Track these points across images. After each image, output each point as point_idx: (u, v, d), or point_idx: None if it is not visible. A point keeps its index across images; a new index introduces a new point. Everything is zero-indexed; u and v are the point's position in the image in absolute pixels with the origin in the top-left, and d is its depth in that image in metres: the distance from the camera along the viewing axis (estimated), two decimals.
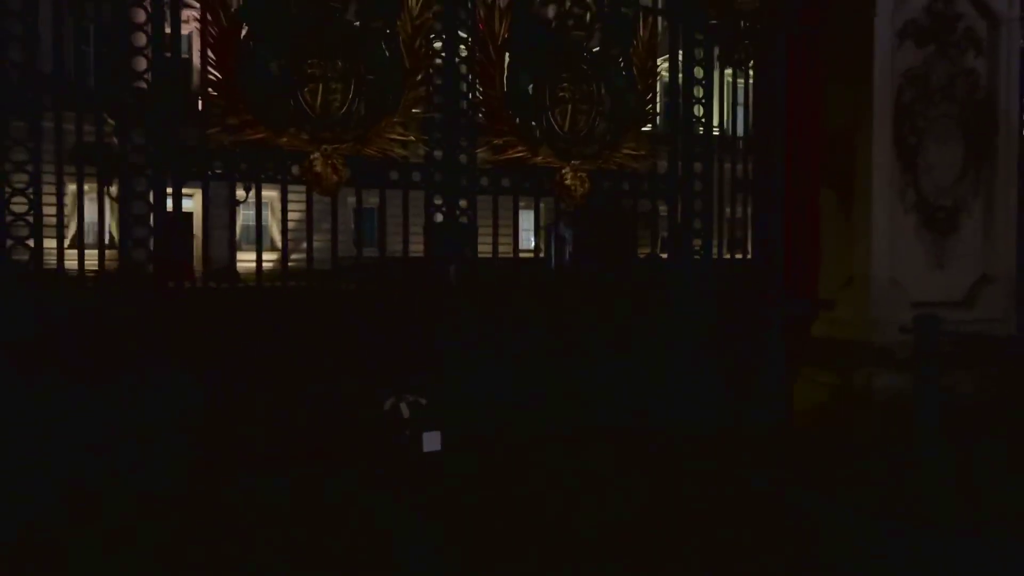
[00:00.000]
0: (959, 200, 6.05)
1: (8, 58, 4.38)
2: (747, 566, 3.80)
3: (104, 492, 4.23)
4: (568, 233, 14.24)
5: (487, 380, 5.23)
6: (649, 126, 5.84)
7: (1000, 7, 6.07)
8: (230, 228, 5.17)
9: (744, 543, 4.05)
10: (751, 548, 3.99)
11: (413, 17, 5.13)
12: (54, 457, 4.28)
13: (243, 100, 4.83)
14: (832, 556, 3.96)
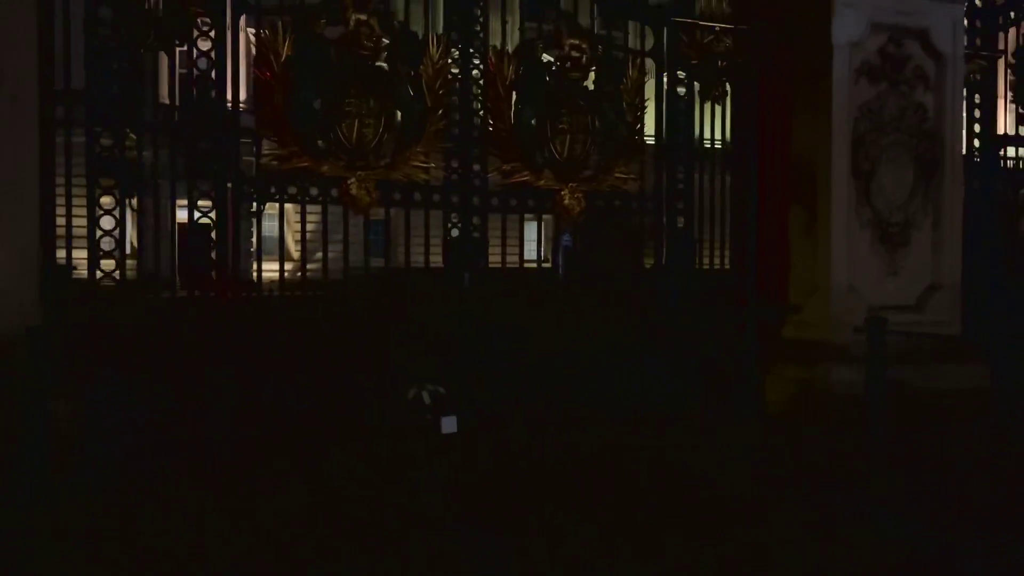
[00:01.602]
0: (910, 217, 6.90)
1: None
2: (702, 503, 4.66)
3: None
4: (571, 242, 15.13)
5: (496, 372, 6.09)
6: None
7: (945, 48, 6.93)
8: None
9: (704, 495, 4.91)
10: (711, 496, 4.86)
11: (434, 62, 6.03)
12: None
13: (291, 134, 5.74)
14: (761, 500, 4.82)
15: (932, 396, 6.44)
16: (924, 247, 6.97)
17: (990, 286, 7.65)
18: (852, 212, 6.72)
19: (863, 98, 6.72)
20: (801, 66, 6.79)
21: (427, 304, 6.33)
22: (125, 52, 5.43)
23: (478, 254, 6.38)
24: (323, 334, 5.85)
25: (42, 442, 4.32)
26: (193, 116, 5.65)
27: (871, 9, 6.67)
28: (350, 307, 6.27)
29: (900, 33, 6.79)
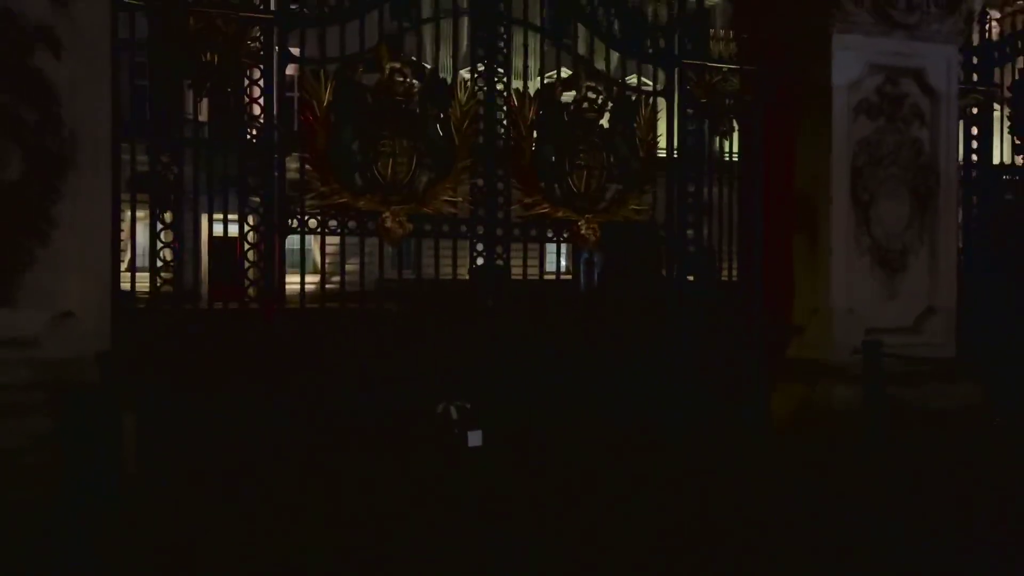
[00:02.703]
0: (907, 244, 7.34)
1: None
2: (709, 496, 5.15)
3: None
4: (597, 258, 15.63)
5: (517, 390, 6.61)
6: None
7: (940, 86, 7.38)
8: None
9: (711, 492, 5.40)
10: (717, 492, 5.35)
11: (461, 105, 6.59)
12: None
13: (332, 172, 6.32)
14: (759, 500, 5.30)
15: (928, 414, 6.87)
16: (921, 272, 7.40)
17: (988, 309, 8.06)
18: (852, 240, 7.17)
19: (862, 134, 7.18)
20: (803, 104, 7.28)
21: (454, 326, 6.87)
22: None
23: (501, 280, 6.92)
24: (362, 349, 6.38)
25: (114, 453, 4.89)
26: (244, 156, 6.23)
27: (869, 51, 7.15)
28: (386, 324, 6.80)
29: (897, 73, 7.26)
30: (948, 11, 7.34)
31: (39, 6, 5.12)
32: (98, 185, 5.43)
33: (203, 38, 5.97)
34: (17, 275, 5.15)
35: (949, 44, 7.44)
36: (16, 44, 5.09)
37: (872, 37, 7.14)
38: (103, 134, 5.45)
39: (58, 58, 5.20)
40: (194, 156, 6.20)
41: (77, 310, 5.29)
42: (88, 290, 5.34)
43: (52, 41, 5.16)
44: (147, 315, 5.97)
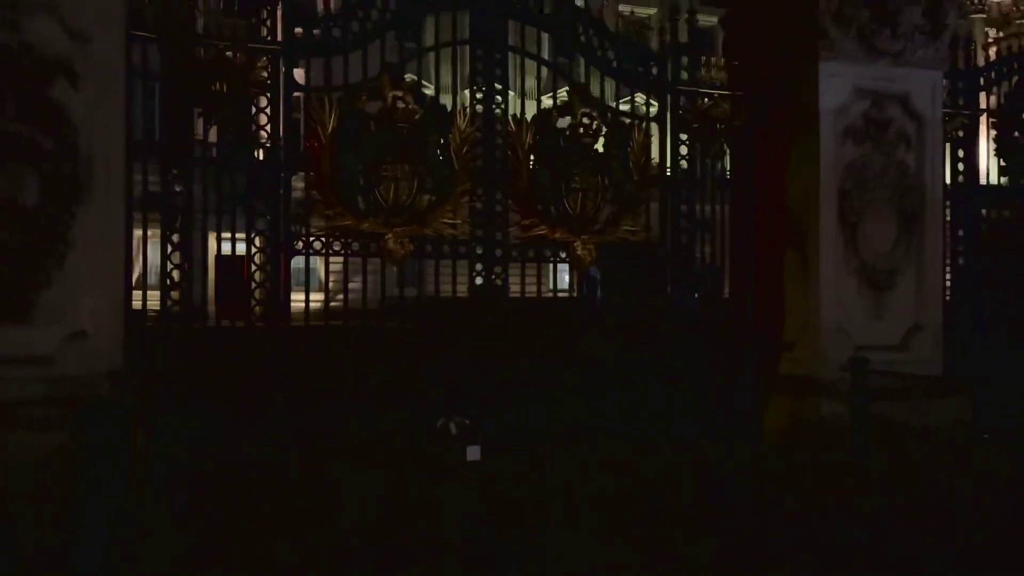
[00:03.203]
0: (894, 264, 7.54)
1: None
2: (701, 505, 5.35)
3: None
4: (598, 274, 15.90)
5: (514, 405, 6.81)
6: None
7: (925, 111, 7.61)
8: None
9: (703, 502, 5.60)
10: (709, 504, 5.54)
11: (461, 131, 6.84)
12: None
13: (336, 195, 6.56)
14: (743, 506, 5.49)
15: (916, 429, 7.04)
16: (908, 291, 7.60)
17: (974, 324, 8.26)
18: (840, 259, 7.38)
19: (849, 157, 7.41)
20: (792, 128, 7.51)
21: (453, 344, 7.08)
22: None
23: (500, 299, 7.14)
24: (364, 366, 6.60)
25: (127, 467, 5.10)
26: (251, 179, 6.47)
27: (855, 77, 7.38)
28: (389, 342, 7.02)
29: (882, 98, 7.49)
30: (932, 39, 7.58)
31: (59, 41, 5.38)
32: (111, 209, 5.67)
33: (213, 68, 6.24)
34: (33, 295, 5.39)
35: (933, 70, 7.66)
36: (37, 77, 5.35)
37: (858, 64, 7.37)
38: (117, 160, 5.70)
39: (76, 89, 5.46)
40: (203, 178, 6.45)
41: (90, 329, 5.52)
42: (101, 310, 5.57)
43: (70, 74, 5.42)
44: (158, 334, 6.18)
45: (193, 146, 6.41)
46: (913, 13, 7.49)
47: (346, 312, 6.84)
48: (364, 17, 6.70)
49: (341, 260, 6.76)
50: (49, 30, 5.39)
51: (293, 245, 6.54)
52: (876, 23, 7.38)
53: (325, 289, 6.79)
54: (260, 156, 6.55)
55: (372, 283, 6.71)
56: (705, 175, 7.66)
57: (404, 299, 7.47)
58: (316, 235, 6.62)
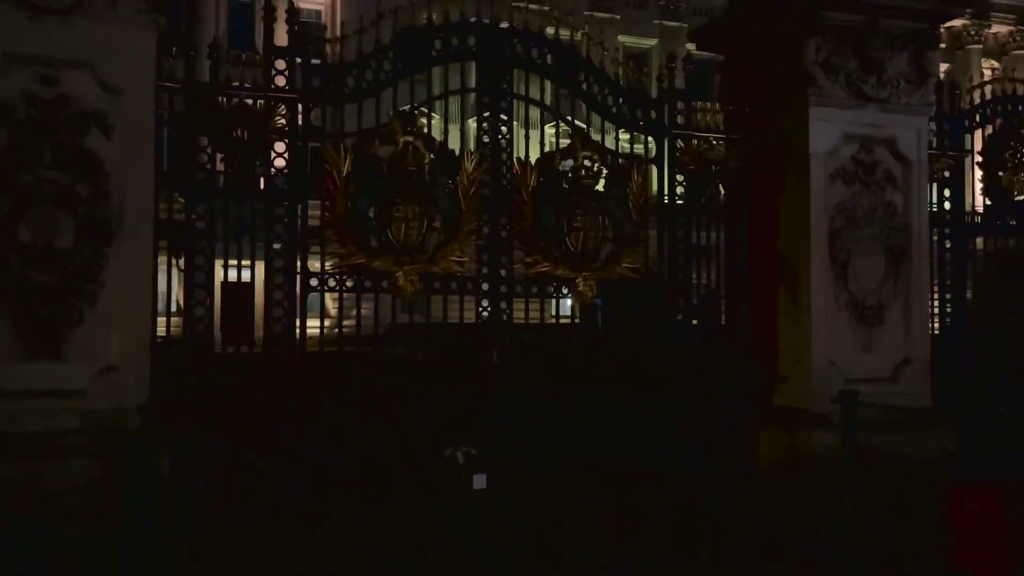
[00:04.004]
0: (883, 300, 7.87)
1: None
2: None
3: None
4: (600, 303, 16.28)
5: (517, 436, 7.11)
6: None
7: (911, 153, 7.97)
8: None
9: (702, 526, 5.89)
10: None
11: (468, 174, 7.20)
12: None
13: (349, 235, 6.91)
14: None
15: (904, 460, 7.32)
16: (896, 326, 7.93)
17: (962, 357, 8.57)
18: (830, 296, 7.72)
19: (839, 198, 7.77)
20: (784, 170, 7.87)
21: (460, 376, 7.41)
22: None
23: (504, 333, 7.47)
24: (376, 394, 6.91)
25: (152, 493, 5.43)
26: (268, 222, 6.82)
27: (844, 123, 7.75)
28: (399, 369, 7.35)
29: (870, 142, 7.86)
30: (917, 86, 7.96)
31: (94, 95, 5.76)
32: (140, 249, 6.02)
33: (234, 116, 6.62)
34: (67, 332, 5.73)
35: (918, 115, 8.04)
36: (72, 127, 5.72)
37: (846, 109, 7.75)
38: (146, 203, 6.06)
39: (108, 138, 5.83)
40: (224, 218, 6.78)
41: (119, 364, 5.85)
42: (129, 345, 5.90)
43: (104, 124, 5.79)
44: (182, 367, 6.49)
45: (216, 189, 6.74)
46: (899, 62, 7.88)
47: (358, 342, 7.18)
48: (377, 67, 7.08)
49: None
50: (85, 85, 5.77)
51: (308, 283, 6.87)
52: (863, 71, 7.77)
53: (339, 324, 7.08)
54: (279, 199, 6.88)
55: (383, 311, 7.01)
56: (701, 214, 7.99)
57: (414, 325, 7.75)
58: (330, 273, 6.96)
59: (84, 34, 5.77)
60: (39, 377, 5.58)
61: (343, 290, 7.01)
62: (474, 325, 7.47)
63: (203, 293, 6.59)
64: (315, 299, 7.09)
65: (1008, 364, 8.86)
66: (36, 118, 5.66)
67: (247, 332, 7.03)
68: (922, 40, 7.96)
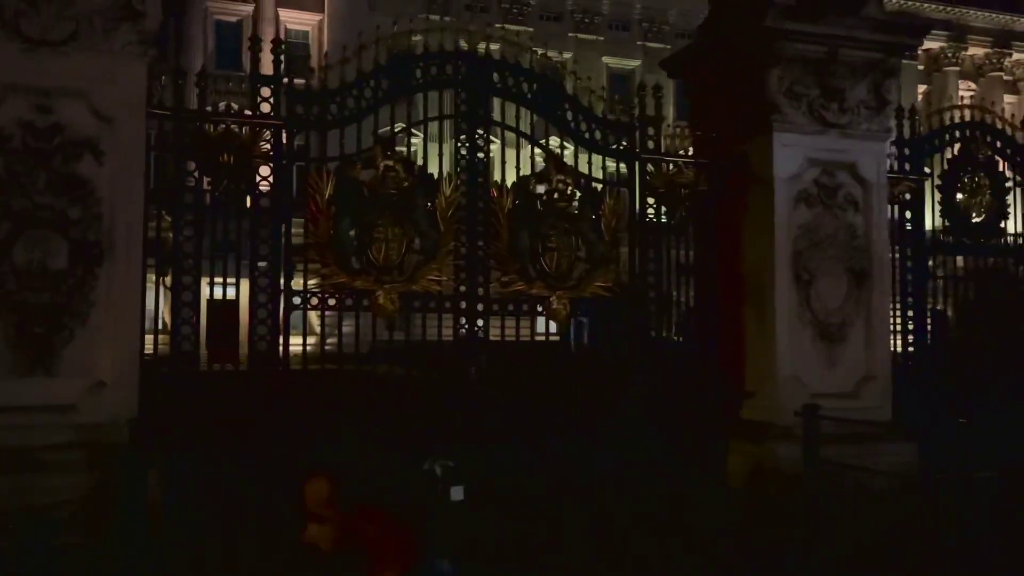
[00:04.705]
0: (845, 318, 8.21)
1: None
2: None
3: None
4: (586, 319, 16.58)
5: (495, 449, 7.37)
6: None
7: (871, 177, 8.34)
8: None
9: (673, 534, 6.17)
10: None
11: (446, 196, 7.50)
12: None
13: (331, 256, 7.19)
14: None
15: (867, 471, 7.62)
16: (859, 343, 8.26)
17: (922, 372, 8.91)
18: (794, 314, 8.05)
19: (802, 220, 8.11)
20: (750, 193, 8.22)
21: (439, 390, 7.68)
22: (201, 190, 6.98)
23: (481, 350, 7.75)
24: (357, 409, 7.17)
25: (141, 505, 5.66)
26: (253, 241, 7.10)
27: (807, 148, 8.11)
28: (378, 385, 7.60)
29: (832, 166, 8.22)
30: (876, 112, 8.35)
31: (87, 123, 6.05)
32: (130, 270, 6.29)
33: (221, 141, 6.90)
34: (59, 350, 5.99)
35: (878, 140, 8.42)
36: (66, 153, 6.00)
37: (809, 135, 8.12)
38: (136, 226, 6.34)
39: (100, 164, 6.12)
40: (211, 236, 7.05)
41: (109, 380, 6.11)
42: (119, 362, 6.16)
43: (96, 151, 6.07)
44: (170, 383, 6.74)
45: (203, 211, 7.01)
46: (859, 90, 8.27)
47: (340, 359, 7.45)
48: (359, 94, 7.39)
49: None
50: (78, 113, 6.06)
51: (292, 302, 7.14)
52: (825, 99, 8.16)
53: (321, 342, 7.32)
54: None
55: (363, 327, 7.28)
56: (671, 235, 8.31)
57: (394, 342, 8.03)
58: (313, 291, 7.23)
59: (78, 65, 6.06)
60: (32, 393, 5.83)
61: (325, 308, 7.28)
62: (453, 342, 7.73)
63: (189, 312, 6.85)
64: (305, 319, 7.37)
65: (973, 378, 9.23)
66: (31, 145, 5.94)
67: (232, 349, 7.27)
68: (880, 69, 8.35)
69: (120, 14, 6.19)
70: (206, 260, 6.92)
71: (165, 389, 6.64)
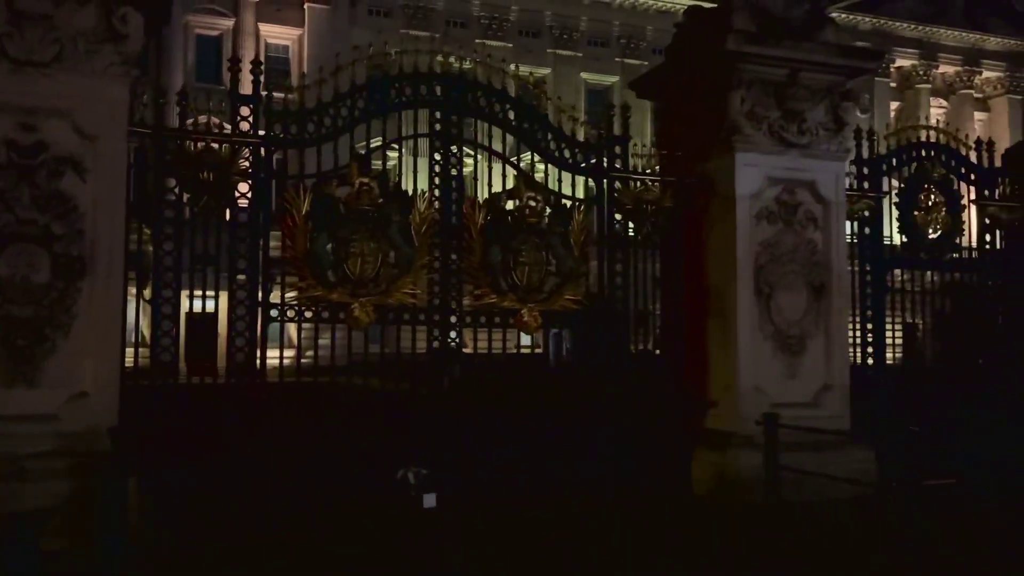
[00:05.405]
0: (805, 330, 8.53)
1: None
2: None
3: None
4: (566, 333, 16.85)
5: (467, 458, 7.61)
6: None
7: (830, 195, 8.69)
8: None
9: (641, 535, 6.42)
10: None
11: (420, 212, 7.76)
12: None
13: (308, 269, 7.42)
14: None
15: (826, 478, 7.91)
16: (818, 354, 8.58)
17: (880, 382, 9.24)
18: (756, 327, 8.35)
19: (763, 236, 8.44)
20: (713, 210, 8.54)
21: (413, 400, 7.91)
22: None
23: (455, 361, 7.99)
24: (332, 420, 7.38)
25: (123, 511, 5.84)
26: (232, 255, 7.31)
27: (768, 167, 8.45)
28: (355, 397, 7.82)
29: (792, 184, 8.56)
30: (835, 133, 8.71)
31: (70, 141, 6.26)
32: (111, 283, 6.49)
33: (201, 159, 7.12)
34: (42, 361, 6.17)
35: (836, 160, 8.77)
36: (50, 170, 6.21)
37: (770, 155, 8.45)
38: (117, 241, 6.54)
39: (83, 181, 6.33)
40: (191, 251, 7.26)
41: (91, 390, 6.29)
42: (100, 373, 6.35)
43: (79, 168, 6.28)
44: (149, 394, 6.92)
45: (183, 226, 7.22)
46: (817, 112, 8.63)
47: (316, 371, 7.66)
48: (336, 113, 7.64)
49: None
50: (62, 131, 6.27)
51: (269, 314, 7.36)
52: (785, 120, 8.50)
53: (297, 354, 7.54)
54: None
55: (340, 339, 7.51)
56: (638, 250, 8.61)
57: (369, 354, 8.25)
58: (290, 304, 7.45)
59: (62, 85, 6.28)
60: (15, 402, 6.01)
61: (302, 320, 7.50)
62: (427, 354, 7.97)
63: (169, 324, 7.04)
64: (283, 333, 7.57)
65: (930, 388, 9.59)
66: (16, 162, 6.14)
67: (211, 361, 7.46)
68: (838, 92, 8.71)
69: (103, 36, 6.42)
70: (186, 273, 7.14)
71: (145, 399, 6.82)
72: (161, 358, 6.99)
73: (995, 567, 6.42)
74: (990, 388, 9.79)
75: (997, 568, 6.40)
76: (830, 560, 6.52)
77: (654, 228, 8.63)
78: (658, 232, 8.64)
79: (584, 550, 6.60)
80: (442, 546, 6.61)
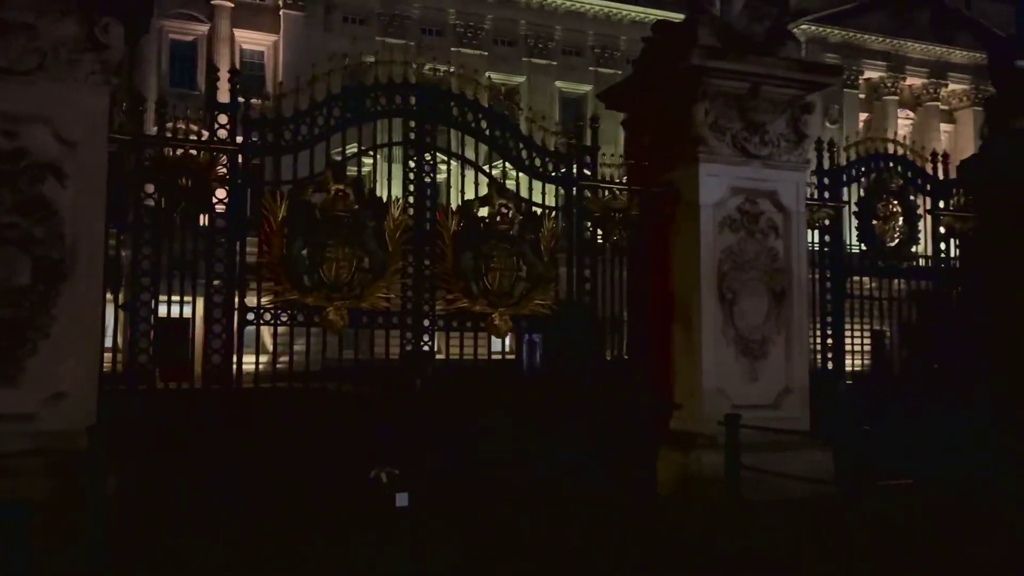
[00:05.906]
0: (766, 335, 8.83)
1: None
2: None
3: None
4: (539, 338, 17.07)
5: (439, 458, 7.82)
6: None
7: (790, 204, 9.01)
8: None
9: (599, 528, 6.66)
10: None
11: (394, 219, 7.97)
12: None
13: (284, 274, 7.61)
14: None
15: (785, 478, 8.20)
16: (779, 358, 8.89)
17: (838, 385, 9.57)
18: (719, 332, 8.65)
19: (726, 244, 8.74)
20: (678, 218, 8.83)
21: (386, 402, 8.10)
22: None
23: (427, 364, 8.20)
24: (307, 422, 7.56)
25: (101, 509, 5.99)
26: (209, 261, 7.48)
27: (731, 177, 8.75)
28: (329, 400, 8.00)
29: (754, 194, 8.87)
30: (795, 144, 9.04)
31: (51, 147, 6.41)
32: (90, 286, 6.63)
33: (179, 165, 7.29)
34: (22, 362, 6.30)
35: (797, 171, 9.10)
36: (31, 176, 6.35)
37: (733, 165, 8.76)
38: (97, 245, 6.69)
39: (63, 186, 6.47)
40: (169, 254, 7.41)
41: (69, 390, 6.43)
42: (79, 374, 6.49)
43: (59, 174, 6.44)
44: (127, 396, 7.06)
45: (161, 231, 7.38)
46: (779, 124, 8.95)
47: (291, 375, 7.84)
48: (312, 122, 7.84)
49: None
50: (43, 137, 6.43)
51: (245, 318, 7.53)
52: (747, 131, 8.82)
53: (273, 356, 7.71)
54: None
55: (315, 343, 7.69)
56: (606, 257, 8.88)
57: (344, 360, 8.44)
58: (266, 308, 7.63)
59: (44, 93, 6.44)
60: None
61: (278, 324, 7.68)
62: (400, 357, 8.17)
63: (147, 326, 7.20)
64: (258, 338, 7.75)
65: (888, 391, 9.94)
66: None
67: (187, 364, 7.59)
68: (799, 105, 9.05)
69: (84, 45, 6.58)
70: (163, 278, 7.30)
71: (122, 402, 6.97)
72: (138, 359, 7.13)
73: (942, 559, 6.72)
74: (945, 391, 10.17)
75: (944, 559, 6.71)
76: (785, 555, 6.79)
77: (622, 235, 8.91)
78: (626, 239, 8.92)
79: (550, 546, 6.83)
80: (412, 543, 6.82)
